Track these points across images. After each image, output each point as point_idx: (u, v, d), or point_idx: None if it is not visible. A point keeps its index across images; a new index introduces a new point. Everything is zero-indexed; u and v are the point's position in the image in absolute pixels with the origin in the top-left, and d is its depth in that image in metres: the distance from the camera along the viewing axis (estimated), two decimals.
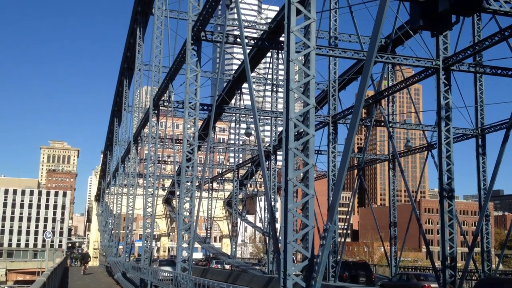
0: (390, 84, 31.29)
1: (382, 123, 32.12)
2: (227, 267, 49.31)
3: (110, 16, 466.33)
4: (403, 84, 25.27)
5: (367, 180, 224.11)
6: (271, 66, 38.66)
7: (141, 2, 37.75)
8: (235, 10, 18.07)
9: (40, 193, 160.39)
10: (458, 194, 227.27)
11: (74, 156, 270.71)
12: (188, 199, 21.88)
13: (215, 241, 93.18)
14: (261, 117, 38.13)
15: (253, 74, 42.53)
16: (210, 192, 60.99)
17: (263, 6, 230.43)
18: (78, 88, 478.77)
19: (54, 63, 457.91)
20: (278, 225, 16.74)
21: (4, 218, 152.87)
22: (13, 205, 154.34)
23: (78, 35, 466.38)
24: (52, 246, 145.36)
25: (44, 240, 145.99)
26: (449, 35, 21.46)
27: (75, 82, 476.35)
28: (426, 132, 32.70)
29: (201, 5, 20.99)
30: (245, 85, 39.08)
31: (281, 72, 16.98)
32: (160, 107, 32.10)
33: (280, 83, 38.97)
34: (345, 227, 32.55)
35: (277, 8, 43.75)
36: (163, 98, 31.19)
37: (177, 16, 31.41)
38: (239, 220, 56.30)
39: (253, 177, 51.98)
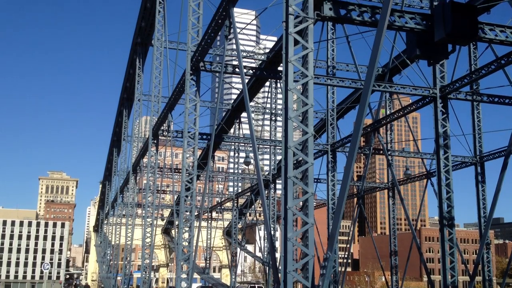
0: (388, 112, 31.44)
1: (381, 151, 32.18)
2: None
3: (110, 47, 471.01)
4: (401, 112, 25.40)
5: (367, 208, 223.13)
6: (269, 95, 38.91)
7: (141, 33, 38.21)
8: (233, 41, 18.29)
9: (38, 224, 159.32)
10: (458, 222, 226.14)
11: (72, 187, 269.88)
12: (187, 228, 21.74)
13: (214, 271, 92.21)
14: (260, 146, 38.20)
15: (252, 103, 42.72)
16: (209, 221, 60.64)
17: (262, 36, 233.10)
18: (77, 118, 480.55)
19: (53, 94, 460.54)
20: (278, 255, 16.61)
21: (2, 250, 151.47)
22: (11, 237, 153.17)
23: (78, 66, 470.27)
24: (50, 277, 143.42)
25: (42, 272, 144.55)
26: (445, 63, 21.65)
27: (74, 113, 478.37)
28: (425, 160, 32.68)
29: (200, 36, 21.24)
30: (244, 114, 39.28)
31: (280, 101, 17.11)
32: (159, 137, 32.17)
33: (279, 112, 39.17)
34: (346, 256, 32.27)
35: (275, 39, 44.25)
36: (162, 128, 31.29)
37: (176, 47, 31.76)
38: (238, 249, 55.84)
39: (253, 206, 51.75)
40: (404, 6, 24.09)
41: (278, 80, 35.36)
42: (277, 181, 41.17)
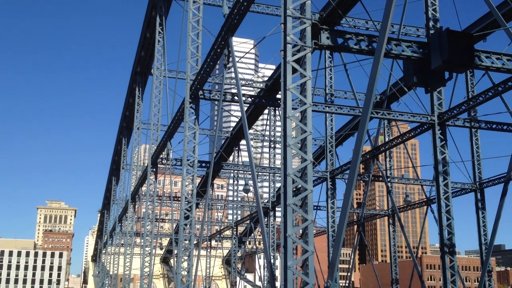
0: (387, 139, 31.52)
1: (380, 178, 32.13)
2: None
3: (109, 77, 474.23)
4: (399, 139, 25.47)
5: (367, 236, 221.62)
6: (268, 122, 39.06)
7: (140, 63, 38.54)
8: (232, 69, 18.45)
9: (36, 254, 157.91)
10: (459, 250, 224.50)
11: (71, 216, 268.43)
12: (186, 257, 21.56)
13: None
14: (259, 173, 38.16)
15: (251, 131, 42.88)
16: (209, 250, 60.13)
17: (260, 64, 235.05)
18: (76, 148, 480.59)
19: (52, 123, 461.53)
20: (278, 284, 16.45)
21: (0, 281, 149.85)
22: (9, 267, 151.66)
23: (77, 96, 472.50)
24: None
25: None
26: (443, 90, 21.80)
27: (74, 142, 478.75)
28: (424, 186, 32.62)
29: (199, 65, 21.43)
30: (243, 141, 39.37)
31: (279, 129, 17.18)
32: (158, 165, 32.16)
33: (278, 139, 39.23)
34: (346, 284, 31.95)
35: (274, 67, 44.62)
36: (161, 156, 31.31)
37: (176, 76, 32.01)
38: (238, 279, 55.22)
39: (252, 234, 51.38)
40: (401, 35, 24.37)
41: (276, 108, 35.55)
42: (276, 209, 40.99)
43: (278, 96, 27.80)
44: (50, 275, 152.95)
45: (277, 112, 37.63)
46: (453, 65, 12.72)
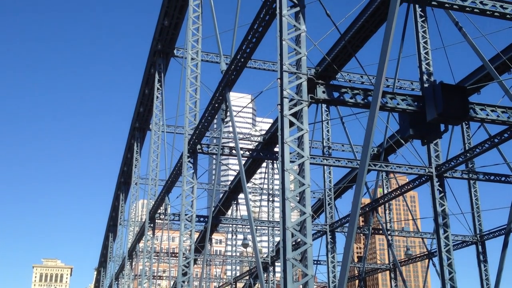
0: (385, 191, 31.45)
1: (381, 231, 31.85)
2: None
3: (108, 132, 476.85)
4: (398, 191, 25.42)
5: None
6: (266, 176, 39.04)
7: (139, 118, 38.91)
8: (230, 123, 18.63)
9: None
10: None
11: (67, 274, 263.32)
12: None
13: None
14: (258, 227, 37.82)
15: (249, 185, 42.77)
16: None
17: (257, 118, 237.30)
18: (73, 204, 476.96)
19: (48, 180, 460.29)
20: None
21: None
22: None
23: (75, 152, 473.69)
24: None
25: None
26: (440, 142, 21.95)
27: (70, 199, 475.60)
28: (425, 239, 32.29)
29: (197, 119, 21.63)
30: (241, 195, 39.21)
31: (277, 182, 17.18)
32: (156, 220, 31.88)
33: (276, 192, 39.11)
34: None
35: (271, 120, 45.05)
36: (159, 211, 31.09)
37: (174, 131, 32.25)
38: None
39: None
40: (396, 88, 24.76)
41: (274, 161, 35.64)
42: (276, 264, 40.36)
43: (276, 149, 27.96)
44: None
45: (275, 165, 37.68)
46: (448, 117, 12.89)
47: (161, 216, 31.38)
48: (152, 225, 32.01)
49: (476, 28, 17.96)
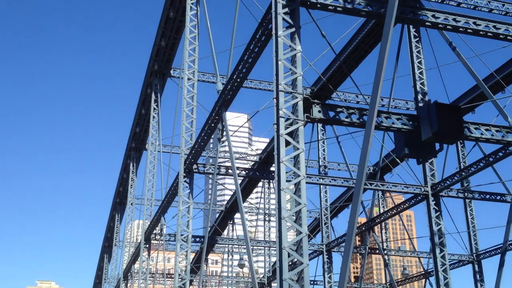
0: (382, 210, 31.43)
1: (377, 251, 31.75)
2: None
3: (103, 152, 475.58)
4: (394, 210, 25.41)
5: None
6: (262, 195, 38.97)
7: (135, 139, 38.94)
8: (226, 143, 18.68)
9: None
10: None
11: None
12: None
13: None
14: (254, 247, 37.63)
15: (245, 204, 42.64)
16: None
17: (254, 138, 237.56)
18: (68, 226, 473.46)
19: (43, 201, 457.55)
20: None
21: None
22: None
23: (71, 171, 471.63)
24: None
25: None
26: (435, 161, 22.04)
27: (65, 220, 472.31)
28: (422, 258, 32.19)
29: (193, 139, 21.67)
30: (238, 215, 39.07)
31: (273, 201, 17.18)
32: (152, 241, 31.69)
33: (272, 212, 39.02)
34: None
35: (267, 140, 45.16)
36: (154, 232, 30.93)
37: (170, 151, 32.24)
38: None
39: None
40: (391, 107, 24.94)
41: (270, 180, 35.62)
42: (272, 284, 40.09)
43: (272, 168, 27.96)
44: None
45: (271, 185, 37.65)
46: (443, 137, 12.98)
47: (156, 237, 31.20)
48: (147, 245, 31.81)
49: (469, 48, 18.20)
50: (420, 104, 19.21)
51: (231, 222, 39.68)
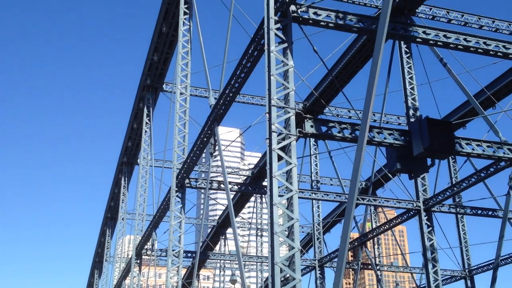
0: (374, 226, 31.40)
1: (370, 266, 31.67)
2: None
3: (95, 167, 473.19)
4: (387, 226, 25.40)
5: None
6: (255, 210, 38.84)
7: (127, 153, 38.80)
8: (218, 158, 18.63)
9: None
10: None
11: None
12: None
13: None
14: (246, 262, 37.39)
15: (237, 219, 42.47)
16: None
17: (246, 152, 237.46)
18: (58, 241, 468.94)
19: (32, 217, 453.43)
20: None
21: None
22: None
23: (62, 185, 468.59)
24: None
25: None
26: (427, 176, 22.10)
27: (55, 235, 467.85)
28: (414, 274, 32.12)
29: (185, 154, 21.62)
30: (230, 230, 38.90)
31: (265, 216, 17.12)
32: (143, 256, 31.43)
33: (265, 227, 38.86)
34: None
35: (259, 154, 45.14)
36: (146, 247, 30.69)
37: (162, 165, 32.13)
38: None
39: None
40: (382, 123, 25.05)
41: (263, 195, 35.54)
42: None
43: (264, 183, 27.93)
44: None
45: (263, 200, 37.55)
46: (435, 152, 13.03)
47: (148, 252, 30.95)
48: (138, 261, 31.54)
49: (460, 64, 18.37)
50: (412, 120, 19.31)
51: (223, 237, 39.47)
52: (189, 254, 29.47)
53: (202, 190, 22.23)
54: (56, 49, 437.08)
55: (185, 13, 23.46)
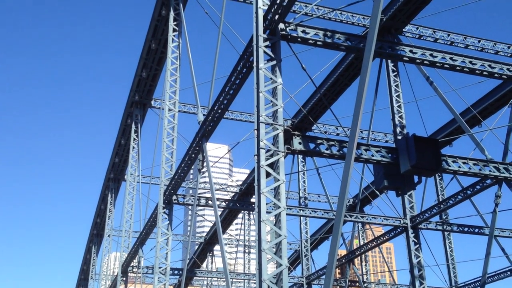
0: (362, 243, 31.41)
1: (357, 283, 31.60)
2: None
3: (81, 183, 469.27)
4: (374, 243, 25.42)
5: None
6: (242, 227, 38.70)
7: (114, 169, 38.58)
8: (206, 174, 18.60)
9: None
10: None
11: None
12: None
13: None
14: (234, 280, 37.17)
15: (225, 236, 42.28)
16: None
17: (234, 169, 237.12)
18: (43, 258, 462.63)
19: (17, 232, 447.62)
20: None
21: None
22: None
23: (47, 200, 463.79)
24: None
25: None
26: (414, 194, 22.20)
27: (40, 252, 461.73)
28: None
29: (173, 170, 21.55)
30: (217, 247, 38.67)
31: (253, 233, 17.08)
32: (129, 274, 31.10)
33: (252, 244, 38.70)
34: None
35: (247, 171, 45.12)
36: (132, 264, 30.39)
37: (149, 181, 31.97)
38: None
39: None
40: (370, 140, 25.21)
41: (251, 212, 35.46)
42: None
43: (252, 200, 27.88)
44: None
45: (251, 216, 37.45)
46: (421, 169, 13.13)
47: (134, 269, 30.64)
48: (124, 278, 31.20)
49: (447, 83, 18.61)
50: (399, 137, 19.47)
51: (211, 254, 39.21)
52: (176, 271, 29.19)
53: (190, 207, 22.13)
54: (44, 63, 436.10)
55: (174, 30, 23.56)
